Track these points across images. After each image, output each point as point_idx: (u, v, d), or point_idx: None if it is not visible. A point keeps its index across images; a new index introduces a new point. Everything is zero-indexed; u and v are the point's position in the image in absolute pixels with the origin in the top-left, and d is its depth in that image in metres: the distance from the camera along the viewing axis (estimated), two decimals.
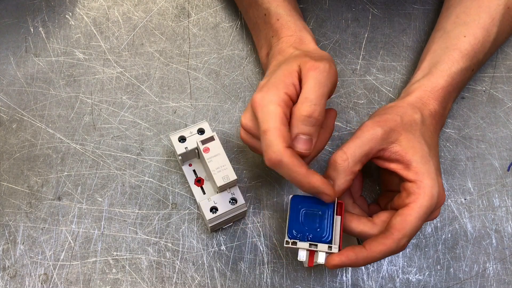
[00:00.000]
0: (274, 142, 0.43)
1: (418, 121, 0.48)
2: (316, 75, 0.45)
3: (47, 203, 0.55)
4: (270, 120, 0.44)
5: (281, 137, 0.43)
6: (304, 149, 0.45)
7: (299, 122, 0.44)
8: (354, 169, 0.46)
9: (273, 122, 0.43)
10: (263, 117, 0.44)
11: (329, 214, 0.46)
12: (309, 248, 0.45)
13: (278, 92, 0.45)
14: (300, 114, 0.44)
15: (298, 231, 0.46)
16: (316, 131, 0.45)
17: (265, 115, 0.44)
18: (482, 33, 0.54)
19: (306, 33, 0.53)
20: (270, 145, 0.43)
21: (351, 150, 0.46)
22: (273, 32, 0.54)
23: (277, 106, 0.44)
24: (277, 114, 0.44)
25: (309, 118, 0.44)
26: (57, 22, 0.64)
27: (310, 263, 0.46)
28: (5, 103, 0.59)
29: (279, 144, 0.42)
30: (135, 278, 0.53)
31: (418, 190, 0.45)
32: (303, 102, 0.45)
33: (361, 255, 0.44)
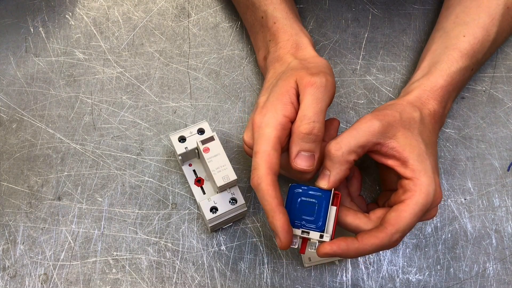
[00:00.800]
0: (259, 165, 0.45)
1: (417, 119, 0.48)
2: (313, 92, 0.46)
3: (47, 203, 0.55)
4: (263, 143, 0.45)
5: (267, 162, 0.44)
6: (306, 166, 0.46)
7: (299, 140, 0.46)
8: (349, 158, 0.46)
9: (265, 145, 0.45)
10: (257, 139, 0.46)
11: (325, 203, 0.46)
12: (301, 235, 0.46)
13: (276, 115, 0.46)
14: (299, 132, 0.46)
15: (293, 218, 0.46)
16: (317, 146, 0.47)
17: (260, 137, 0.46)
18: (481, 33, 0.54)
19: (303, 36, 0.54)
20: (255, 168, 0.45)
21: (345, 140, 0.46)
22: (270, 36, 0.55)
23: (272, 130, 0.46)
24: (270, 138, 0.45)
25: (309, 136, 0.46)
26: (57, 22, 0.64)
27: (302, 250, 0.46)
28: (5, 103, 0.59)
29: (263, 169, 0.44)
30: (135, 278, 0.53)
31: (414, 187, 0.45)
32: (301, 120, 0.46)
33: (352, 246, 0.44)
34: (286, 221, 0.44)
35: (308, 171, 0.47)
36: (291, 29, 0.54)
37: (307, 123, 0.46)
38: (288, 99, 0.47)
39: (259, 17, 0.56)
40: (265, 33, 0.56)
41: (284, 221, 0.44)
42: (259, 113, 0.48)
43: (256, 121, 0.47)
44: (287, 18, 0.55)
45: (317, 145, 0.47)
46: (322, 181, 0.47)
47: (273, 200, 0.44)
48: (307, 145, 0.46)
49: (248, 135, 0.49)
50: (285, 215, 0.44)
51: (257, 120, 0.47)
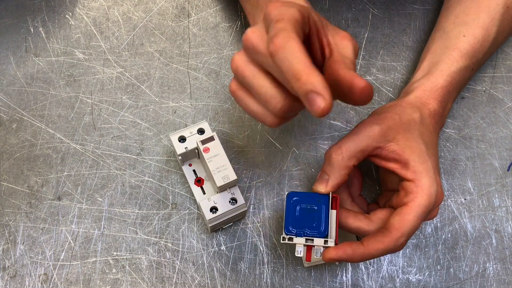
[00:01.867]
0: (286, 28, 0.37)
1: (417, 120, 0.48)
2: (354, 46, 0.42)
3: (47, 203, 0.55)
4: (287, 14, 0.38)
5: (295, 28, 0.37)
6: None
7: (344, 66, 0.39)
8: (349, 163, 0.46)
9: (290, 16, 0.38)
10: (278, 14, 0.38)
11: (324, 208, 0.46)
12: (305, 243, 0.46)
13: (301, 7, 0.39)
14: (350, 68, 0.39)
15: (295, 227, 0.46)
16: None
17: (282, 11, 0.38)
18: (481, 33, 0.54)
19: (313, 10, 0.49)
20: (280, 30, 0.37)
21: (346, 145, 0.46)
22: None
23: (297, 11, 0.38)
24: (296, 14, 0.38)
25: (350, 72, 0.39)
26: (57, 22, 0.64)
27: (308, 258, 0.46)
28: (5, 103, 0.59)
29: (291, 31, 0.37)
30: (135, 278, 0.53)
31: (416, 189, 0.45)
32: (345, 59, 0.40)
33: (358, 251, 0.44)
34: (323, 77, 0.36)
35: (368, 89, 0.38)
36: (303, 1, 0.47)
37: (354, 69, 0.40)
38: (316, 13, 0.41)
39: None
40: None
41: (323, 77, 0.36)
42: (276, 3, 0.39)
43: (273, 6, 0.39)
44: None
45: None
46: (320, 185, 0.47)
47: (306, 58, 0.36)
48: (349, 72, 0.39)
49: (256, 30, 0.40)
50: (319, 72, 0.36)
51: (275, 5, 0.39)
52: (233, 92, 0.43)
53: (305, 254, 0.46)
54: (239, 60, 0.41)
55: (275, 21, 0.37)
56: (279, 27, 0.37)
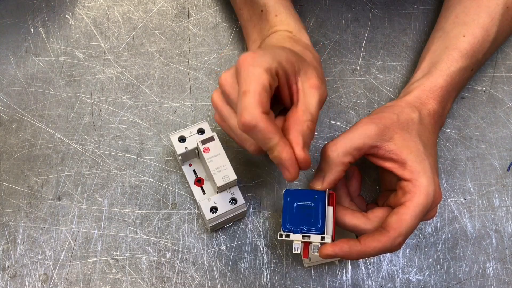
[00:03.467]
0: (251, 104, 0.40)
1: (416, 120, 0.48)
2: (320, 96, 0.45)
3: (47, 203, 0.55)
4: (253, 82, 0.41)
5: (260, 102, 0.40)
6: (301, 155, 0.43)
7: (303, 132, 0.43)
8: (344, 160, 0.46)
9: (256, 85, 0.41)
10: (246, 77, 0.41)
11: (321, 205, 0.46)
12: (302, 240, 0.46)
13: (271, 61, 0.42)
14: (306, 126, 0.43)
15: (292, 224, 0.46)
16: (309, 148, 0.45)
17: (250, 76, 0.41)
18: (481, 33, 0.54)
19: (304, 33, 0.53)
20: (245, 108, 0.40)
21: (341, 142, 0.46)
22: (270, 27, 0.53)
23: (264, 72, 0.41)
24: (262, 79, 0.41)
25: (311, 133, 0.44)
26: (57, 22, 0.64)
27: (305, 255, 0.46)
28: (5, 103, 0.59)
29: (256, 108, 0.40)
30: (135, 278, 0.53)
31: (414, 188, 0.45)
32: (307, 115, 0.44)
33: (355, 248, 0.44)
34: (292, 152, 0.42)
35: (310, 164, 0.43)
36: (294, 23, 0.53)
37: (312, 120, 0.44)
38: (286, 65, 0.43)
39: (258, 11, 0.55)
40: (264, 25, 0.54)
41: (291, 152, 0.42)
42: (252, 53, 0.42)
43: (246, 58, 0.42)
44: (289, 13, 0.54)
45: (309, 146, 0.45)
46: (316, 182, 0.47)
47: (277, 135, 0.41)
48: (308, 140, 0.44)
49: (229, 74, 0.44)
50: (290, 146, 0.42)
51: (248, 58, 0.42)
52: (218, 123, 0.48)
53: (303, 251, 0.46)
54: (217, 99, 0.46)
55: (242, 93, 0.41)
56: (245, 103, 0.40)
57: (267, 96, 0.41)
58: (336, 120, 0.59)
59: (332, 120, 0.59)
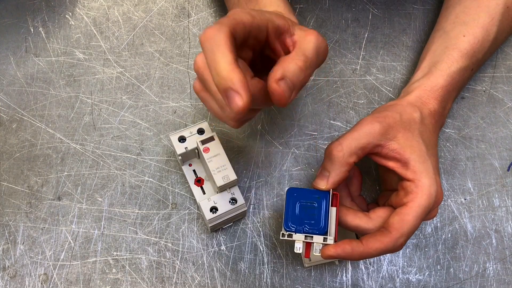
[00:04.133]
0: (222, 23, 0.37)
1: (417, 119, 0.48)
2: (317, 42, 0.42)
3: (47, 203, 0.55)
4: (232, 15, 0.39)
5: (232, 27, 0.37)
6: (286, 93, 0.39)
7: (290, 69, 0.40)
8: (349, 160, 0.46)
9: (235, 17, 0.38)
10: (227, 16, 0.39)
11: (324, 205, 0.46)
12: (305, 240, 0.46)
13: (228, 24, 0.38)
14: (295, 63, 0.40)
15: (294, 223, 0.46)
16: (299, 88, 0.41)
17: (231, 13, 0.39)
18: (481, 33, 0.54)
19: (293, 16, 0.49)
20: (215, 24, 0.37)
21: (347, 141, 0.46)
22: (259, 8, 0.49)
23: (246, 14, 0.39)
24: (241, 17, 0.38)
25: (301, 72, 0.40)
26: (57, 22, 0.64)
27: (306, 254, 0.46)
28: (5, 103, 0.59)
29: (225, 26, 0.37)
30: (135, 278, 0.53)
31: (416, 189, 0.45)
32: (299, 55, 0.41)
33: (357, 249, 0.44)
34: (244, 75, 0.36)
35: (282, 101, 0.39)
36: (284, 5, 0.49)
37: (305, 60, 0.40)
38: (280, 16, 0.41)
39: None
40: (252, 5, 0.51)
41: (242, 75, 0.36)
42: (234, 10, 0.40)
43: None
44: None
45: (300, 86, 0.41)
46: (321, 182, 0.47)
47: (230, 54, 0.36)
48: (295, 78, 0.40)
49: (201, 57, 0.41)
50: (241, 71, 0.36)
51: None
52: (197, 92, 0.44)
53: (304, 251, 0.46)
54: (200, 62, 0.42)
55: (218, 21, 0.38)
56: (217, 23, 0.37)
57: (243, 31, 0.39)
58: (336, 120, 0.59)
59: (332, 120, 0.59)
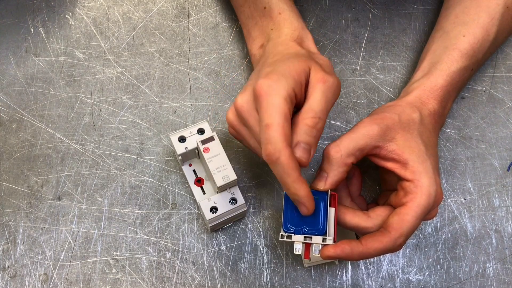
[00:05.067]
0: (276, 138, 0.42)
1: (417, 120, 0.48)
2: (325, 89, 0.45)
3: (47, 203, 0.55)
4: (275, 114, 0.43)
5: (284, 135, 0.42)
6: (303, 157, 0.44)
7: (301, 131, 0.44)
8: (347, 161, 0.46)
9: (278, 117, 0.42)
10: (267, 108, 0.43)
11: (323, 206, 0.46)
12: (304, 241, 0.46)
13: (286, 85, 0.44)
14: (304, 124, 0.44)
15: (293, 224, 0.46)
16: (315, 143, 0.45)
17: (270, 107, 0.43)
18: (481, 33, 0.54)
19: (308, 32, 0.53)
20: (271, 141, 0.42)
21: (344, 142, 0.46)
22: (273, 25, 0.53)
23: (283, 100, 0.43)
24: (282, 109, 0.43)
25: (312, 129, 0.44)
26: (57, 22, 0.64)
27: (306, 255, 0.46)
28: (5, 103, 0.59)
29: (280, 142, 0.42)
30: (135, 278, 0.53)
31: (415, 189, 0.45)
32: (308, 112, 0.45)
33: (356, 249, 0.44)
34: (309, 189, 0.44)
35: (302, 164, 0.45)
36: (297, 22, 0.53)
37: (313, 117, 0.44)
38: (300, 79, 0.45)
39: (261, 8, 0.55)
40: (267, 22, 0.54)
41: (308, 190, 0.44)
42: (266, 78, 0.44)
43: (263, 87, 0.44)
44: (293, 11, 0.54)
45: (316, 141, 0.45)
46: (319, 182, 0.47)
47: (295, 172, 0.43)
48: (308, 137, 0.44)
49: (245, 99, 0.46)
50: (307, 184, 0.44)
51: (265, 85, 0.44)
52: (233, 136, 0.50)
53: (304, 252, 0.46)
54: (233, 120, 0.48)
55: (265, 126, 0.43)
56: (269, 136, 0.42)
57: (289, 125, 0.43)
58: (336, 120, 0.59)
59: (332, 120, 0.59)
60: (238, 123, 0.48)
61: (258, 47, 0.55)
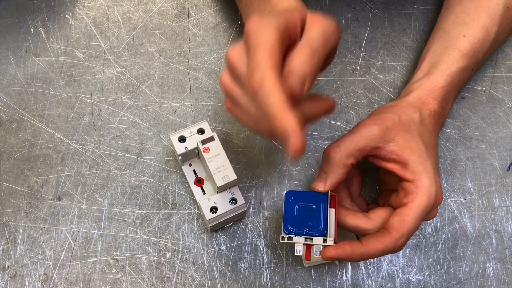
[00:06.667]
0: (261, 61, 0.37)
1: (417, 120, 0.48)
2: (323, 27, 0.40)
3: (47, 203, 0.55)
4: (264, 39, 0.38)
5: (272, 57, 0.37)
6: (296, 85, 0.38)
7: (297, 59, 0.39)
8: (347, 162, 0.46)
9: (266, 41, 0.38)
10: (255, 37, 0.38)
11: (323, 207, 0.46)
12: (305, 242, 0.46)
13: (278, 21, 0.39)
14: (299, 54, 0.39)
15: (293, 226, 0.46)
16: (311, 76, 0.39)
17: (259, 35, 0.38)
18: (481, 33, 0.54)
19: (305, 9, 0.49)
20: (256, 65, 0.37)
21: (344, 143, 0.46)
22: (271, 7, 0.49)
23: (274, 30, 0.38)
24: (272, 36, 0.38)
25: (310, 59, 0.39)
26: (57, 22, 0.64)
27: (307, 257, 0.46)
28: (5, 103, 0.59)
29: (266, 64, 0.37)
30: (135, 278, 0.53)
31: (415, 189, 0.45)
32: (304, 43, 0.40)
33: (357, 250, 0.44)
34: (298, 120, 0.37)
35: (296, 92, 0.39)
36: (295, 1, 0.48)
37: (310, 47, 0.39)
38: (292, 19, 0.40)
39: None
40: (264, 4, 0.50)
41: (296, 120, 0.37)
42: (257, 17, 0.39)
43: (252, 24, 0.39)
44: None
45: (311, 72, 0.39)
46: (319, 183, 0.47)
47: (281, 101, 0.37)
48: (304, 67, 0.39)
49: (236, 50, 0.41)
50: (296, 114, 0.37)
51: (254, 22, 0.39)
52: (228, 110, 0.44)
53: (305, 253, 0.46)
54: (225, 80, 0.42)
55: (252, 52, 0.38)
56: (255, 62, 0.38)
57: (279, 53, 0.38)
58: (336, 120, 0.59)
59: (332, 120, 0.59)
60: (230, 83, 0.42)
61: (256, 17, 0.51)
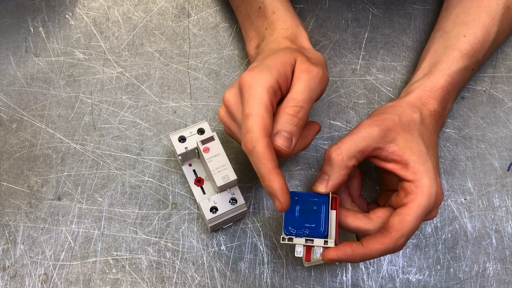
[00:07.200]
0: (254, 127, 0.42)
1: (417, 120, 0.48)
2: (308, 79, 0.45)
3: (47, 203, 0.55)
4: (255, 104, 0.43)
5: (262, 124, 0.42)
6: (284, 146, 0.44)
7: (282, 120, 0.44)
8: (348, 164, 0.46)
9: (258, 107, 0.43)
10: (248, 99, 0.43)
11: (324, 209, 0.46)
12: (305, 244, 0.46)
13: (269, 77, 0.44)
14: (284, 112, 0.44)
15: (294, 227, 0.46)
16: (297, 132, 0.45)
17: (251, 97, 0.43)
18: (481, 33, 0.54)
19: (302, 29, 0.53)
20: (249, 130, 0.42)
21: (346, 145, 0.46)
22: (267, 25, 0.53)
23: (265, 91, 0.43)
24: (263, 99, 0.43)
25: (293, 118, 0.44)
26: (57, 22, 0.64)
27: (307, 258, 0.46)
28: (5, 103, 0.59)
29: (258, 131, 0.42)
30: (135, 278, 0.53)
31: (416, 189, 0.45)
32: (289, 102, 0.44)
33: (358, 251, 0.44)
34: (284, 182, 0.42)
35: (283, 153, 0.44)
36: (291, 20, 0.53)
37: (295, 105, 0.44)
38: (284, 70, 0.45)
39: (256, 8, 0.55)
40: (261, 22, 0.54)
41: (282, 183, 0.42)
42: (250, 71, 0.44)
43: (246, 79, 0.44)
44: (287, 10, 0.54)
45: (297, 130, 0.45)
46: (320, 185, 0.47)
47: (270, 163, 0.42)
48: (289, 126, 0.44)
49: (231, 94, 0.46)
50: (282, 177, 0.42)
51: (248, 78, 0.44)
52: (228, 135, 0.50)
53: (305, 254, 0.46)
54: (223, 115, 0.48)
55: (245, 116, 0.43)
56: (247, 126, 0.42)
57: (269, 115, 0.43)
58: (336, 120, 0.59)
59: (332, 120, 0.59)
60: (228, 119, 0.48)
61: (255, 47, 0.55)
